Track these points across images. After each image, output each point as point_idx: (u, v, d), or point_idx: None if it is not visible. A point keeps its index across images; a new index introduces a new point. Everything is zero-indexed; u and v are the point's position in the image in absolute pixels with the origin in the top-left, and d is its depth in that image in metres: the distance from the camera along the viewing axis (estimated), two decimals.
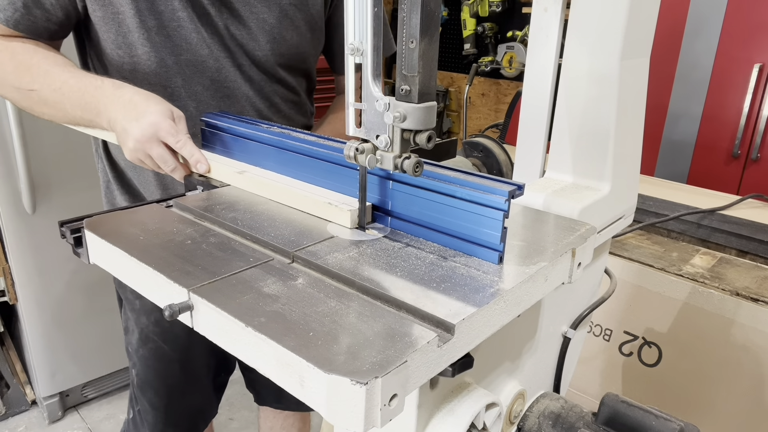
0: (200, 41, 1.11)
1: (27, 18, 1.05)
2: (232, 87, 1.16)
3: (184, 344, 1.34)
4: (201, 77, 1.13)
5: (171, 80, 1.12)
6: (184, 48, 1.10)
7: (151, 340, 1.34)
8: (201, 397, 1.45)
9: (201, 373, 1.41)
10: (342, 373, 0.47)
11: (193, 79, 1.13)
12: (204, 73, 1.13)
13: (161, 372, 1.37)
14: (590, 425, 0.73)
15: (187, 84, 1.13)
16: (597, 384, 1.57)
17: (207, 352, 1.39)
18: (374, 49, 0.65)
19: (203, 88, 1.14)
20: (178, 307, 0.60)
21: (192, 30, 1.09)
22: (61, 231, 0.81)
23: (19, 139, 1.97)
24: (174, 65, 1.11)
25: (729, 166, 2.49)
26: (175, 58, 1.10)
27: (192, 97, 1.14)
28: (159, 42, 1.08)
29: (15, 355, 2.49)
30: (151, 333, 1.34)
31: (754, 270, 1.44)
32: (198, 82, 1.14)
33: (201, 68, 1.13)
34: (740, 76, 2.38)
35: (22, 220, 2.10)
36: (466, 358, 0.58)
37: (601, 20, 0.81)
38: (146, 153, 0.93)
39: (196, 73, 1.13)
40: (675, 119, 2.59)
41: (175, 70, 1.11)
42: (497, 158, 1.17)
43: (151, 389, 1.39)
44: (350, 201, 0.80)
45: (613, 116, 0.82)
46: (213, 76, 1.14)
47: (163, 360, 1.36)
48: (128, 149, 0.94)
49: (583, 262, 0.74)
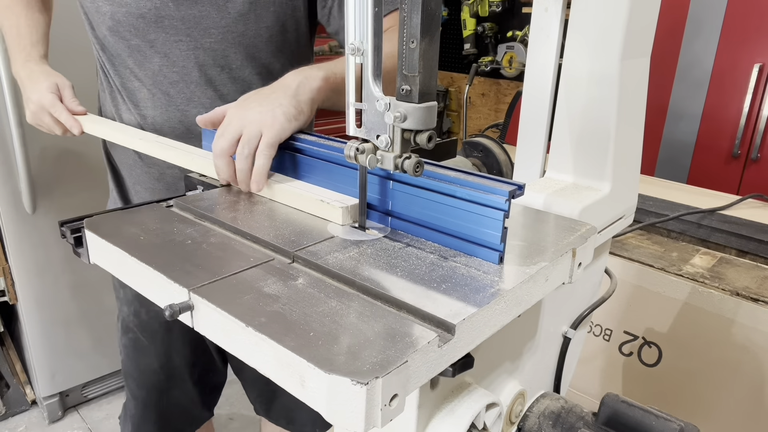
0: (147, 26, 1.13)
1: None
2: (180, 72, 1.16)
3: (162, 340, 1.36)
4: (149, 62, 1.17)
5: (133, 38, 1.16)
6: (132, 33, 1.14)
7: (130, 330, 1.37)
8: (184, 398, 1.45)
9: (182, 372, 1.41)
10: (342, 373, 0.47)
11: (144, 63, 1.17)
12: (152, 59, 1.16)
13: (139, 363, 1.39)
14: (590, 425, 0.73)
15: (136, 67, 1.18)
16: (597, 384, 1.57)
17: (189, 351, 1.39)
18: (374, 49, 0.65)
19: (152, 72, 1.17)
20: (178, 306, 0.60)
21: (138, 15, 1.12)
22: (61, 231, 0.81)
23: (19, 139, 1.97)
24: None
25: (729, 166, 2.49)
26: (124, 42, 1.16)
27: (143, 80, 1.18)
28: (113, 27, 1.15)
29: (15, 355, 2.49)
30: (131, 323, 1.36)
31: (754, 270, 1.44)
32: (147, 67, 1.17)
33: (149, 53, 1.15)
34: (740, 76, 2.38)
35: (22, 220, 2.10)
36: (466, 358, 0.58)
37: (601, 20, 0.81)
38: (38, 123, 1.19)
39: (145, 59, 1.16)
40: (675, 119, 2.59)
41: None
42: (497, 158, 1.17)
43: (132, 379, 1.42)
44: (344, 198, 0.80)
45: (614, 116, 0.82)
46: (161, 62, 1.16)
47: (141, 352, 1.38)
48: (29, 112, 1.19)
49: (583, 262, 0.74)
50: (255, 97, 0.91)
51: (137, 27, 1.12)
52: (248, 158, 0.86)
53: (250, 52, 1.17)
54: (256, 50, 1.18)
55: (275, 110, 0.87)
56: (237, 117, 0.88)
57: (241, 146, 0.86)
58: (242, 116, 0.87)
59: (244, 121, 0.87)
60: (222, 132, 0.88)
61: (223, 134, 0.87)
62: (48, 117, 1.16)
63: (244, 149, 0.85)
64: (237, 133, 0.86)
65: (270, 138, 0.86)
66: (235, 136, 0.86)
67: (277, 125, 0.86)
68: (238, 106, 0.91)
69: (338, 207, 0.77)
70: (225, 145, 0.87)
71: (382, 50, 0.66)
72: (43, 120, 1.17)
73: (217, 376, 1.50)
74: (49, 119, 1.16)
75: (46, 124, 1.18)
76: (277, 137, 0.87)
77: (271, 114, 0.87)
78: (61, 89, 1.18)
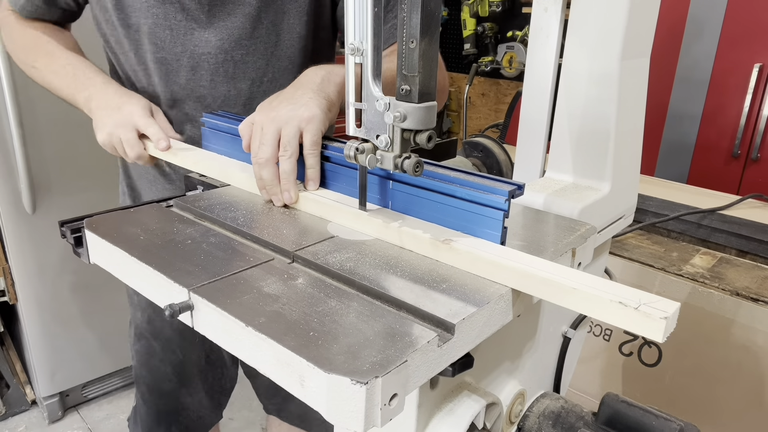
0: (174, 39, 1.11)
1: (31, 3, 1.17)
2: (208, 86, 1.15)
3: (175, 346, 1.34)
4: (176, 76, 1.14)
5: (149, 79, 1.15)
6: (158, 46, 1.11)
7: (143, 336, 1.36)
8: (196, 403, 1.45)
9: (194, 378, 1.41)
10: (342, 373, 0.47)
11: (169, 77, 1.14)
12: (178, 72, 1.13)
13: (152, 369, 1.38)
14: (590, 425, 0.73)
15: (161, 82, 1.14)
16: (597, 384, 1.57)
17: (201, 357, 1.39)
18: (374, 49, 0.65)
19: (179, 87, 1.14)
20: (178, 306, 0.60)
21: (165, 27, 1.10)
22: (62, 231, 0.81)
23: (19, 139, 1.97)
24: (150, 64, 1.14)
25: (729, 166, 2.49)
26: (150, 56, 1.12)
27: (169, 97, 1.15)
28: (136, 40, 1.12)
29: (15, 355, 2.49)
30: (144, 330, 1.35)
31: (754, 270, 1.44)
32: (174, 81, 1.14)
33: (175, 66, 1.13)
34: (740, 76, 2.38)
35: (22, 220, 2.10)
36: (466, 358, 0.58)
37: (601, 20, 0.81)
38: (118, 137, 1.03)
39: (171, 72, 1.13)
40: (675, 119, 2.59)
41: (152, 69, 1.14)
42: (497, 158, 1.17)
43: (144, 384, 1.41)
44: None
45: (614, 116, 0.82)
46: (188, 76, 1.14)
47: (154, 358, 1.37)
48: (104, 133, 1.05)
49: (583, 261, 0.74)
50: (281, 98, 0.86)
51: None
52: (292, 158, 0.80)
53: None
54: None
55: (309, 104, 0.82)
56: (270, 119, 0.81)
57: (282, 148, 0.80)
58: (275, 117, 0.81)
59: (279, 121, 0.80)
60: (260, 139, 0.81)
61: (263, 141, 0.80)
62: (131, 133, 1.03)
63: (287, 150, 0.79)
64: (276, 135, 0.80)
65: (313, 134, 0.80)
66: (275, 138, 0.80)
67: (316, 119, 0.81)
68: (266, 109, 0.85)
69: (659, 318, 0.52)
70: (270, 152, 0.80)
71: (381, 50, 0.66)
72: (123, 135, 1.03)
73: (228, 379, 1.50)
74: (130, 135, 1.03)
75: (125, 139, 1.03)
76: (319, 131, 0.81)
77: (306, 108, 0.81)
78: (154, 112, 1.09)
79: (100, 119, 1.05)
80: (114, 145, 1.05)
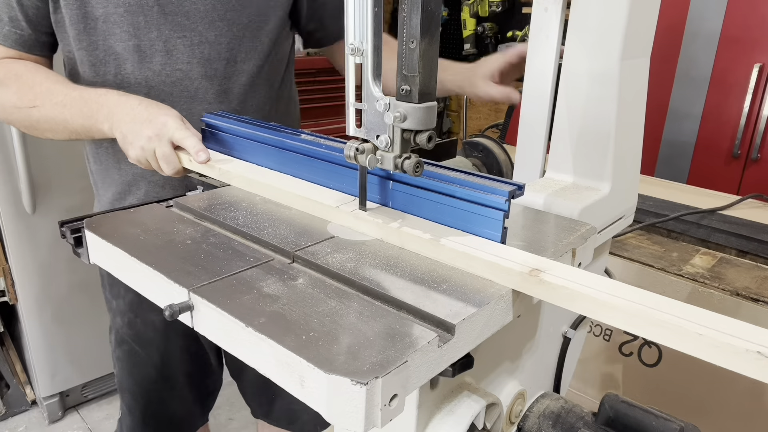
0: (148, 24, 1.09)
1: (14, 32, 1.10)
2: (184, 69, 1.14)
3: (158, 349, 1.33)
4: (149, 62, 1.12)
5: (120, 68, 1.12)
6: (131, 33, 1.09)
7: (125, 342, 1.33)
8: (181, 406, 1.43)
9: (179, 381, 1.39)
10: (342, 373, 0.47)
11: (142, 64, 1.12)
12: (152, 58, 1.12)
13: (135, 375, 1.36)
14: (590, 425, 0.72)
15: (136, 70, 1.12)
16: (597, 384, 1.57)
17: (185, 359, 1.37)
18: (374, 49, 0.65)
19: (153, 73, 1.13)
20: (178, 307, 0.60)
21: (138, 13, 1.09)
22: (61, 231, 0.81)
23: (19, 139, 1.97)
24: (122, 52, 1.11)
25: (729, 166, 2.49)
26: (122, 44, 1.10)
27: (142, 84, 1.13)
28: (104, 30, 1.09)
29: (15, 355, 2.49)
30: (125, 335, 1.33)
31: (754, 270, 1.44)
32: (147, 67, 1.12)
33: (149, 52, 1.11)
34: (740, 76, 2.38)
35: (22, 220, 2.10)
36: (466, 359, 0.58)
37: (601, 20, 0.81)
38: (152, 151, 0.96)
39: (145, 59, 1.11)
40: (675, 119, 2.59)
41: (123, 56, 1.11)
42: (497, 158, 1.17)
43: (128, 392, 1.38)
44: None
45: (614, 116, 0.82)
46: (162, 60, 1.13)
47: (137, 363, 1.34)
48: (137, 148, 0.97)
49: (583, 262, 0.74)
50: None
51: (135, 25, 1.09)
52: None
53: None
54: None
55: None
56: None
57: None
58: None
59: None
60: None
61: None
62: (167, 147, 0.95)
63: None
64: None
65: None
66: None
67: None
68: None
69: None
70: None
71: (381, 50, 0.66)
72: (159, 149, 0.96)
73: (213, 381, 1.49)
74: (166, 149, 0.95)
75: (160, 154, 0.96)
76: None
77: None
78: (184, 122, 1.00)
79: (130, 133, 0.97)
80: (148, 160, 0.97)
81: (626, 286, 0.56)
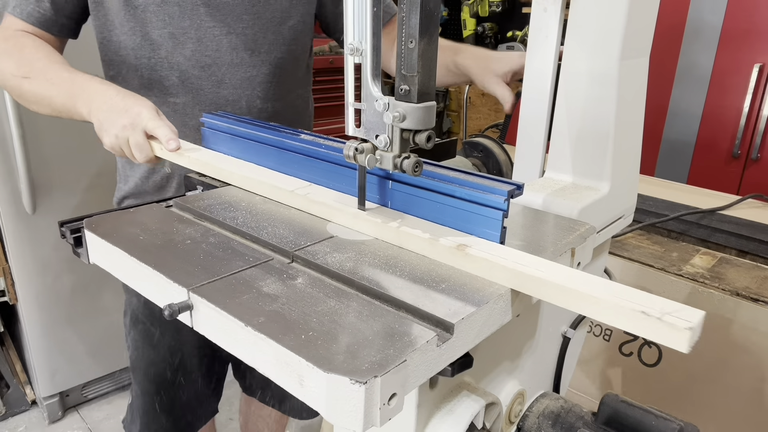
0: (182, 14, 1.17)
1: (37, 11, 1.17)
2: (213, 56, 1.21)
3: (173, 329, 1.35)
4: (182, 48, 1.19)
5: (155, 53, 1.19)
6: (166, 21, 1.17)
7: (140, 321, 1.36)
8: (194, 390, 1.45)
9: (192, 363, 1.41)
10: (341, 373, 0.47)
11: (176, 50, 1.19)
12: (185, 45, 1.19)
13: (150, 356, 1.38)
14: (590, 425, 0.73)
15: (170, 55, 1.19)
16: (597, 384, 1.57)
17: (197, 340, 1.39)
18: (374, 49, 0.65)
19: (185, 58, 1.20)
20: (177, 306, 0.60)
21: (174, 3, 1.17)
22: (61, 231, 0.81)
23: (19, 139, 1.97)
24: (157, 38, 1.18)
25: (729, 166, 2.49)
26: (158, 31, 1.17)
27: (174, 68, 1.20)
28: (143, 18, 1.16)
29: (15, 355, 2.50)
30: (141, 314, 1.36)
31: (754, 270, 1.44)
32: (180, 53, 1.19)
33: (182, 39, 1.19)
34: (740, 76, 2.38)
35: (22, 220, 2.10)
36: (465, 358, 0.58)
37: (600, 20, 0.81)
38: (126, 139, 1.00)
39: (178, 45, 1.19)
40: (675, 119, 2.59)
41: (159, 42, 1.18)
42: (497, 158, 1.17)
43: (141, 373, 1.40)
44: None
45: (613, 116, 0.82)
46: (194, 47, 1.20)
47: (152, 343, 1.37)
48: (111, 135, 1.02)
49: (582, 261, 0.74)
50: None
51: (171, 14, 1.18)
52: None
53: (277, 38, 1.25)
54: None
55: None
56: None
57: None
58: None
59: None
60: None
61: None
62: (140, 136, 1.00)
63: None
64: None
65: None
66: None
67: None
68: None
69: (685, 329, 0.52)
70: None
71: (380, 50, 0.66)
72: (132, 138, 1.01)
73: (222, 365, 1.51)
74: (139, 138, 1.00)
75: (133, 143, 1.01)
76: None
77: None
78: (158, 114, 1.06)
79: (106, 121, 1.02)
80: (121, 147, 1.02)
81: (546, 262, 0.63)
